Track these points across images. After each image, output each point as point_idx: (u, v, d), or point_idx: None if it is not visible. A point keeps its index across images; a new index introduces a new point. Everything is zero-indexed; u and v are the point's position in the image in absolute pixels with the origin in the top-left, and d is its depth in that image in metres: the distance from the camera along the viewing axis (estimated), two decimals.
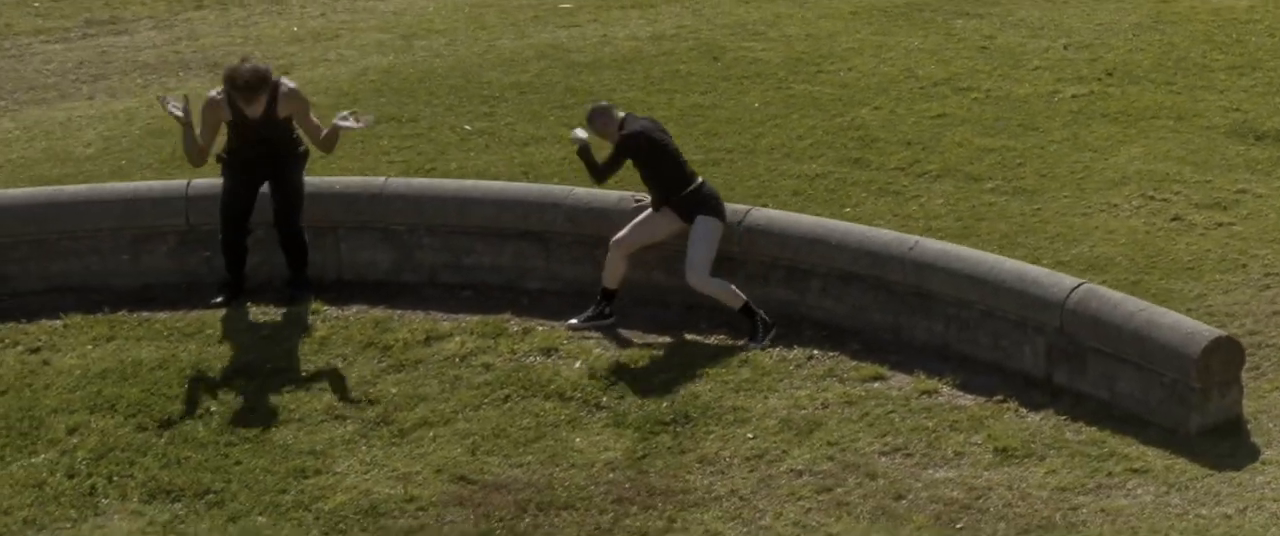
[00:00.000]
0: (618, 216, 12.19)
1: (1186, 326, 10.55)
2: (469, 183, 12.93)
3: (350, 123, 12.18)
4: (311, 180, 12.66)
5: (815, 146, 13.77)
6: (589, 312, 11.98)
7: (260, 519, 10.30)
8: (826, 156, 13.62)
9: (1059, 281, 11.08)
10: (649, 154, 11.80)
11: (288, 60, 15.80)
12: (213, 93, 12.15)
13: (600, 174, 11.87)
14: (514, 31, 16.30)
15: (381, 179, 12.89)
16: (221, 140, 12.29)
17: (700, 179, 11.91)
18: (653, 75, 15.10)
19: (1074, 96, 14.42)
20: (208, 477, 10.67)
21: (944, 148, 13.60)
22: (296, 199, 12.31)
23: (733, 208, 12.02)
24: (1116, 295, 10.93)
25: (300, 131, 12.24)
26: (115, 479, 10.70)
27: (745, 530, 10.03)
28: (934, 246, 11.61)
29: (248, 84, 11.85)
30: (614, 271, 11.94)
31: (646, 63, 15.38)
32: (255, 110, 11.93)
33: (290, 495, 10.49)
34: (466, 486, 10.51)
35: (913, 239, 11.72)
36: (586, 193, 12.49)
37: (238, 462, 10.82)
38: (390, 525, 10.20)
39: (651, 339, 11.81)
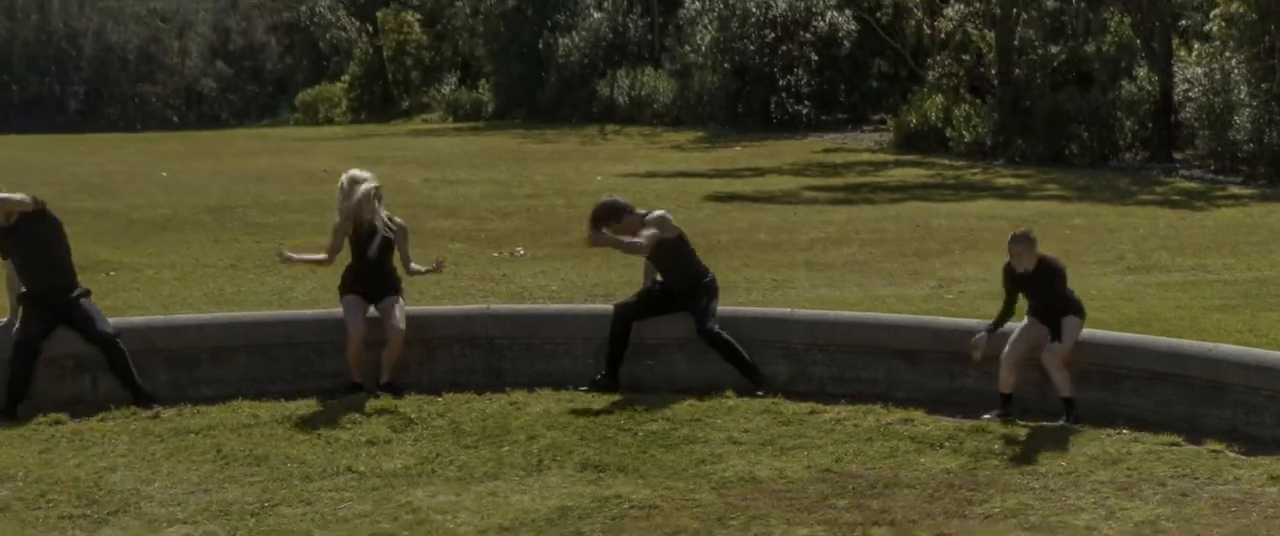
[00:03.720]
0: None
1: None
2: (856, 314, 12.84)
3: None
4: (732, 308, 12.77)
5: None
6: (996, 413, 11.46)
7: (665, 481, 10.24)
8: None
9: None
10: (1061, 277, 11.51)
11: None
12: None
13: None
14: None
15: (788, 309, 12.88)
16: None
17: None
18: None
19: None
20: (629, 461, 10.70)
21: None
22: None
23: None
24: None
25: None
26: (557, 458, 10.79)
27: (1050, 504, 9.58)
28: (1229, 348, 11.11)
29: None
30: (1006, 378, 11.46)
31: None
32: None
33: (690, 471, 10.45)
34: (828, 474, 10.32)
35: (1211, 345, 11.23)
36: (949, 320, 12.31)
37: (653, 456, 10.81)
38: (764, 486, 10.03)
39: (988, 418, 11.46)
